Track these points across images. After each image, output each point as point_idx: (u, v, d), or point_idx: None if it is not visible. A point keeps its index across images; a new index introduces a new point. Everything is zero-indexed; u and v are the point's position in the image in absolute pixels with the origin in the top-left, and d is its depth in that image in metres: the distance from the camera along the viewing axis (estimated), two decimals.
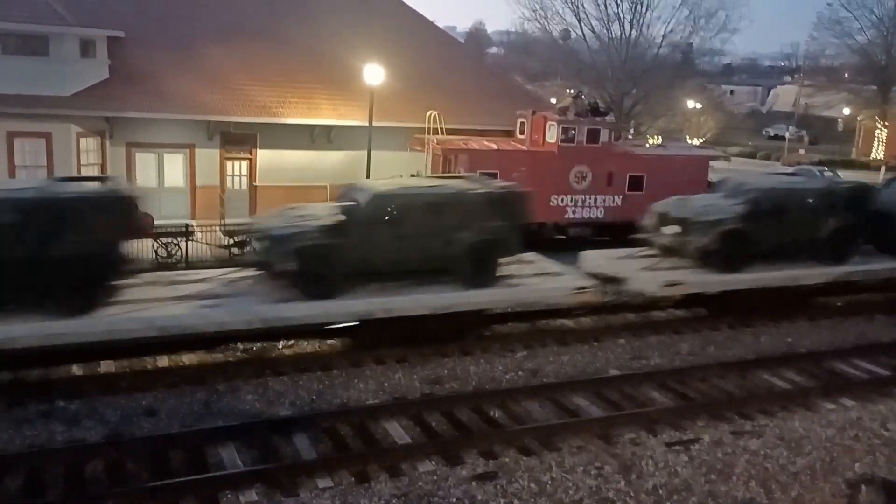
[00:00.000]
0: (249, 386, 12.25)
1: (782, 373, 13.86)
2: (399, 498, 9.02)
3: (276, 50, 25.92)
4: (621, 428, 11.18)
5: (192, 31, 25.70)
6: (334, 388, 12.40)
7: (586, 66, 43.00)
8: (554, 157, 23.30)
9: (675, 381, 13.18)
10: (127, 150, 23.61)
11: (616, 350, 14.75)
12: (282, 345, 14.06)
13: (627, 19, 41.71)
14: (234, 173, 25.01)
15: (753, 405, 12.24)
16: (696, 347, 15.10)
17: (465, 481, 9.42)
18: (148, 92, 22.97)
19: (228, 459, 9.88)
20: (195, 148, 24.31)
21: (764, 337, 15.96)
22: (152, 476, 9.43)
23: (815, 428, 11.35)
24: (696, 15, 43.18)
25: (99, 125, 22.92)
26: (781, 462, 10.29)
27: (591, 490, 9.36)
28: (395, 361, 13.54)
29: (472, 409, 11.68)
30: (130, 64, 23.50)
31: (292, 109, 24.52)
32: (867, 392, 12.98)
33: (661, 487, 9.52)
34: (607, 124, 24.39)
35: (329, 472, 9.55)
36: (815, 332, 16.43)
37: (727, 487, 9.64)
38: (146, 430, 10.64)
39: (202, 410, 11.38)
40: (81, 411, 11.08)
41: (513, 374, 13.37)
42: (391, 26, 28.16)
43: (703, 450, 10.51)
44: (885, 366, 14.39)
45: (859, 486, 9.79)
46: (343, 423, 11.00)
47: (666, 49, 44.50)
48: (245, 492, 9.09)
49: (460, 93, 26.93)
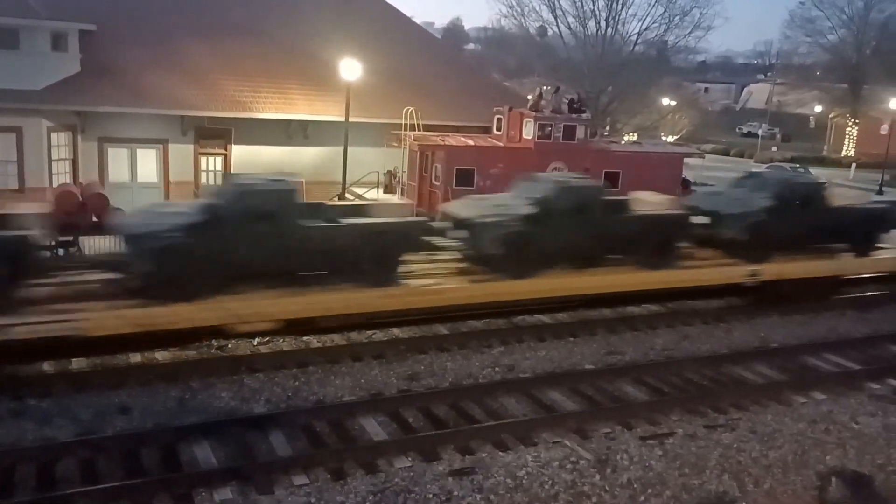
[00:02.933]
0: (224, 383, 12.15)
1: (755, 367, 14.03)
2: (375, 494, 9.01)
3: (253, 45, 25.74)
4: (597, 422, 11.26)
5: (166, 26, 25.44)
6: (310, 384, 12.33)
7: (563, 62, 43.25)
8: (530, 153, 23.36)
9: (649, 375, 13.30)
10: (99, 145, 23.32)
11: (592, 345, 14.84)
12: (257, 342, 13.96)
13: (603, 16, 42.08)
14: (209, 169, 24.81)
15: (726, 399, 12.38)
16: (669, 343, 15.23)
17: (441, 477, 9.43)
18: (121, 86, 22.70)
19: (202, 457, 9.80)
20: (169, 143, 24.08)
21: (737, 332, 16.13)
22: (125, 474, 9.33)
23: (787, 421, 11.51)
24: (671, 13, 43.71)
25: (70, 120, 22.61)
26: (754, 455, 10.41)
27: (566, 484, 9.41)
28: (371, 358, 13.50)
29: (449, 406, 11.70)
30: (103, 58, 23.19)
31: (268, 104, 24.37)
32: (838, 386, 13.19)
33: (636, 481, 9.60)
34: (583, 121, 24.52)
35: (305, 469, 9.51)
36: (788, 327, 16.64)
37: (701, 481, 9.74)
38: (119, 428, 10.52)
39: (176, 408, 11.27)
40: (53, 410, 10.93)
41: (489, 369, 13.40)
42: (369, 22, 28.08)
43: (677, 444, 10.61)
44: (855, 360, 14.63)
45: (830, 478, 9.95)
46: (319, 420, 10.95)
47: (641, 46, 44.98)
48: (219, 490, 9.02)
49: (438, 89, 26.93)
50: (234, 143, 24.70)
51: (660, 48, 48.71)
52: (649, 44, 46.00)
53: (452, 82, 28.43)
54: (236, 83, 24.48)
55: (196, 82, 23.98)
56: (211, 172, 24.80)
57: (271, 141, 24.84)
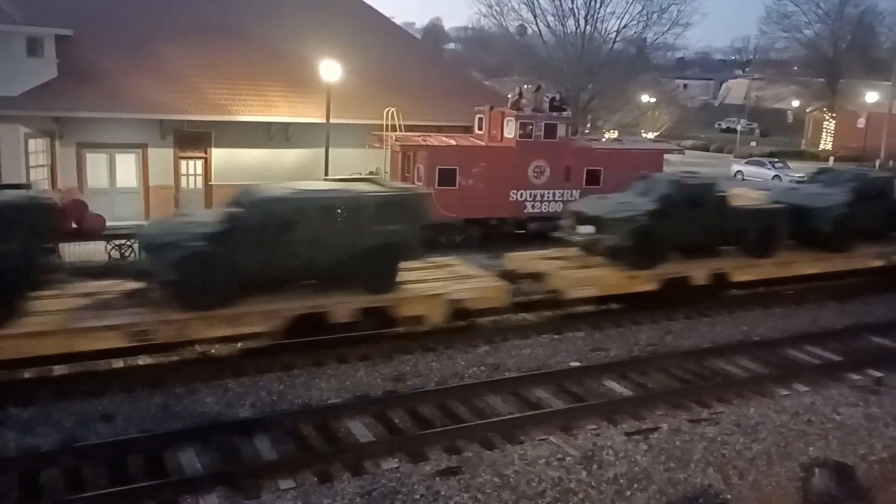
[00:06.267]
0: (208, 388, 12.09)
1: (738, 360, 14.15)
2: (363, 496, 8.99)
3: (232, 47, 25.57)
4: (582, 419, 11.30)
5: (144, 29, 25.22)
6: (295, 387, 12.29)
7: (543, 61, 43.35)
8: (512, 152, 23.40)
9: (634, 371, 13.38)
10: (77, 151, 23.08)
11: (576, 342, 14.90)
12: (240, 345, 13.88)
13: (582, 14, 42.18)
14: (189, 173, 24.61)
15: (710, 393, 12.48)
16: (654, 338, 15.32)
17: (428, 477, 9.43)
18: (98, 91, 22.48)
19: (188, 463, 9.74)
20: (148, 147, 23.86)
21: (719, 326, 16.27)
22: (110, 482, 9.26)
23: (770, 414, 11.61)
24: (649, 10, 43.89)
25: (48, 125, 22.37)
26: (738, 448, 10.50)
27: (553, 481, 9.45)
28: (357, 360, 13.47)
29: (435, 406, 11.70)
30: (80, 63, 22.96)
31: (248, 107, 24.23)
32: (819, 377, 13.34)
33: (622, 477, 9.65)
34: (564, 119, 24.58)
35: (291, 472, 9.48)
36: (769, 320, 16.81)
37: (686, 474, 9.81)
38: (103, 436, 10.43)
39: (160, 414, 11.19)
40: (36, 418, 10.82)
41: (475, 368, 13.41)
42: (349, 23, 28.00)
43: (661, 438, 10.68)
44: (836, 351, 14.80)
45: (813, 469, 10.06)
46: (305, 423, 10.92)
47: (620, 44, 45.17)
48: (206, 495, 8.97)
49: (419, 89, 26.90)
50: (215, 147, 24.52)
51: (639, 45, 48.96)
52: (628, 41, 46.23)
53: (433, 82, 28.42)
54: (216, 86, 24.31)
55: (175, 85, 23.80)
56: (191, 177, 24.62)
57: (252, 144, 24.70)
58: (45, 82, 22.22)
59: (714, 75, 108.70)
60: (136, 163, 23.93)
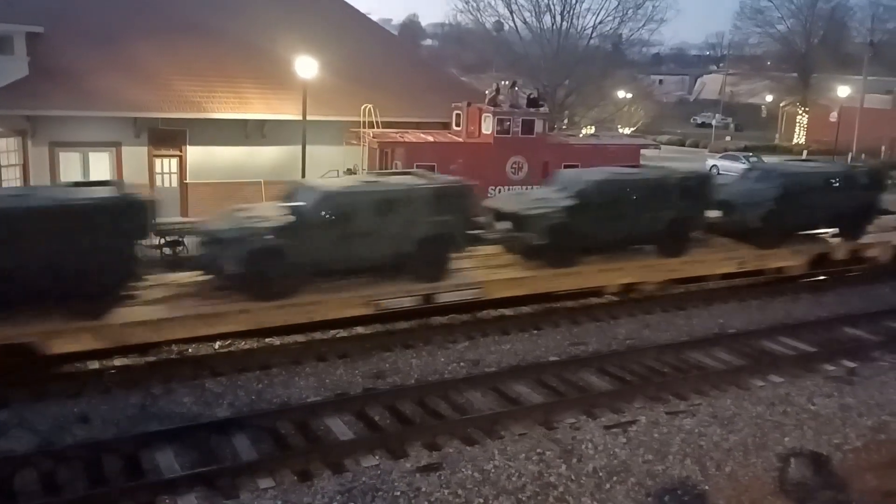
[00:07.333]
0: (186, 388, 11.99)
1: (714, 353, 14.29)
2: (343, 494, 8.97)
3: (206, 44, 25.33)
4: (562, 413, 11.36)
5: (116, 26, 24.88)
6: (274, 386, 12.24)
7: (520, 57, 43.42)
8: (490, 148, 23.43)
9: (612, 364, 13.47)
10: (50, 150, 22.73)
11: (555, 337, 14.96)
12: (218, 345, 13.79)
13: (558, 10, 42.41)
14: (164, 171, 24.35)
15: (687, 385, 12.59)
16: (632, 332, 15.43)
17: (409, 474, 9.43)
18: (71, 89, 22.16)
19: (165, 464, 9.66)
20: (122, 146, 23.56)
21: (696, 319, 16.41)
22: (87, 484, 9.16)
23: (746, 405, 11.74)
24: (625, 6, 44.27)
25: (19, 124, 22.02)
26: (715, 439, 10.61)
27: (533, 476, 9.49)
28: (336, 357, 13.43)
29: (415, 402, 11.70)
30: (52, 60, 22.62)
31: (223, 104, 24.01)
32: (794, 368, 13.51)
33: (601, 469, 9.71)
34: (541, 115, 24.65)
35: (270, 471, 9.43)
36: (745, 312, 16.98)
37: (664, 466, 9.90)
38: (79, 438, 10.31)
39: (138, 415, 11.09)
40: (10, 421, 10.67)
41: (455, 364, 13.43)
42: (325, 19, 27.85)
43: (640, 431, 10.76)
44: (811, 342, 14.98)
45: (789, 459, 10.19)
46: (284, 422, 10.87)
47: (596, 40, 45.42)
48: (184, 496, 8.91)
49: (396, 85, 26.80)
50: (190, 145, 24.28)
51: (615, 41, 49.31)
52: (604, 37, 46.51)
53: (410, 78, 28.34)
54: (190, 83, 24.06)
55: (148, 83, 23.52)
56: (166, 175, 24.37)
57: (228, 141, 24.49)
58: (16, 80, 21.86)
59: (689, 71, 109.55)
60: (110, 161, 23.60)
